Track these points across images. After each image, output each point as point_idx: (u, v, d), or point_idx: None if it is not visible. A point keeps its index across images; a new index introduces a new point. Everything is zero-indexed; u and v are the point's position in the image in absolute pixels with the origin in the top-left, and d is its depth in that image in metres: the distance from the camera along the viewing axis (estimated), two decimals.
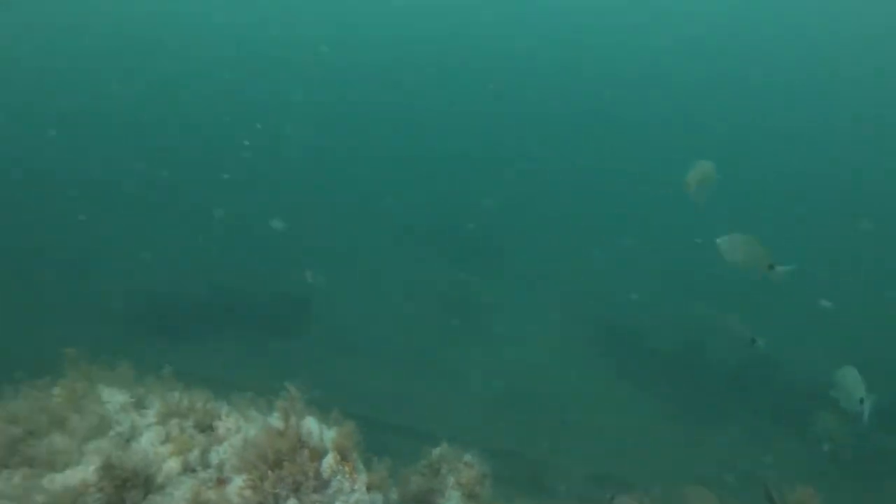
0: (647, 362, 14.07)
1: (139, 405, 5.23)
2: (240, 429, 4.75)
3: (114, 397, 5.19)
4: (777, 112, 35.86)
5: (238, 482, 3.95)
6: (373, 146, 25.09)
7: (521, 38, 41.64)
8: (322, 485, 4.02)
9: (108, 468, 4.08)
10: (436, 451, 5.44)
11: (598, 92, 34.65)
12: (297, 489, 3.95)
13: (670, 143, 27.39)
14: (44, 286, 14.13)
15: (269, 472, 3.70)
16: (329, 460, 3.84)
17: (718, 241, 5.32)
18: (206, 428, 4.86)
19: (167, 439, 4.77)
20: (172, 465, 4.45)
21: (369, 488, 4.17)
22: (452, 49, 39.93)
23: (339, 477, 4.09)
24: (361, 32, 42.00)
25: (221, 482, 4.36)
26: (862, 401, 5.17)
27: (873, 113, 37.79)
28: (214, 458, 4.53)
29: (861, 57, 45.73)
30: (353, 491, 4.08)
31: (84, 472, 4.09)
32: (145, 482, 4.13)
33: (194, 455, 4.52)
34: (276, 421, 3.93)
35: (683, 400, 13.25)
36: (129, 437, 4.81)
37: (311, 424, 3.94)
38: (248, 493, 3.93)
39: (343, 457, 3.84)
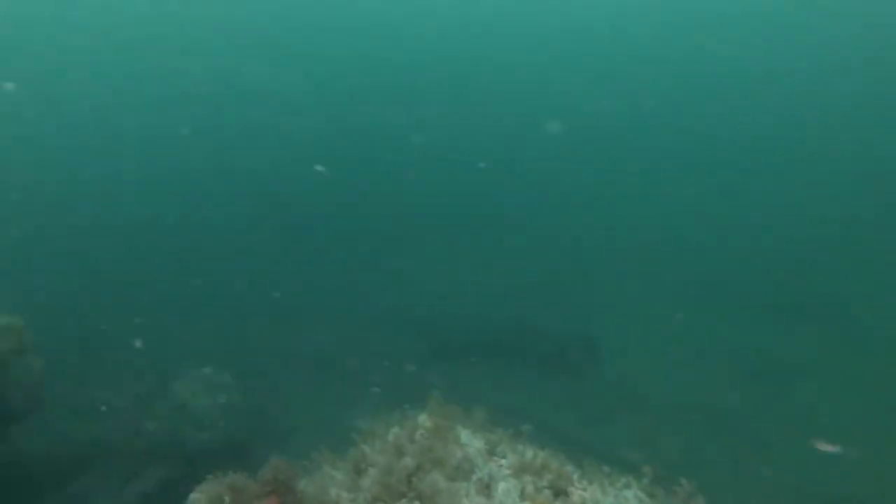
0: None
1: (491, 451, 5.52)
2: (597, 502, 4.64)
3: (471, 441, 5.55)
4: None
5: None
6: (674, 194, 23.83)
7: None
8: None
9: None
10: None
11: None
12: None
13: None
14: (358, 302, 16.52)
15: None
16: None
17: None
18: (560, 492, 4.86)
19: (523, 496, 4.90)
20: None
21: None
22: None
23: None
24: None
25: None
26: None
27: None
28: None
29: None
30: None
31: None
32: None
33: None
34: None
35: None
36: (488, 485, 5.07)
37: None
38: None
39: None
